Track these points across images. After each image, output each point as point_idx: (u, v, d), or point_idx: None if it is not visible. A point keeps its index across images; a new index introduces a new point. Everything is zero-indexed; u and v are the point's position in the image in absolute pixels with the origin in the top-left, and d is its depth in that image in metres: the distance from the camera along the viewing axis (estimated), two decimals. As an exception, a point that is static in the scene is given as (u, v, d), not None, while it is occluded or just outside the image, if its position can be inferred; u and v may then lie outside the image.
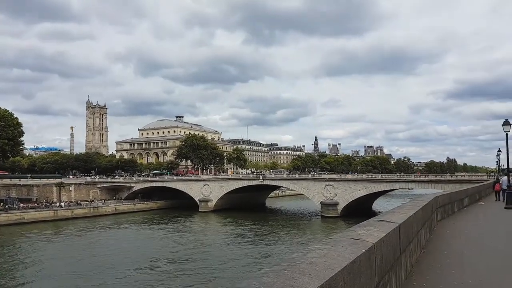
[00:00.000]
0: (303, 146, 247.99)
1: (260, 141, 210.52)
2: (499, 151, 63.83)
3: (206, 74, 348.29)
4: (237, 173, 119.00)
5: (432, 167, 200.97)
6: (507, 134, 16.50)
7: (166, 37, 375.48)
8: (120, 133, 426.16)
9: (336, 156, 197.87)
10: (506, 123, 16.59)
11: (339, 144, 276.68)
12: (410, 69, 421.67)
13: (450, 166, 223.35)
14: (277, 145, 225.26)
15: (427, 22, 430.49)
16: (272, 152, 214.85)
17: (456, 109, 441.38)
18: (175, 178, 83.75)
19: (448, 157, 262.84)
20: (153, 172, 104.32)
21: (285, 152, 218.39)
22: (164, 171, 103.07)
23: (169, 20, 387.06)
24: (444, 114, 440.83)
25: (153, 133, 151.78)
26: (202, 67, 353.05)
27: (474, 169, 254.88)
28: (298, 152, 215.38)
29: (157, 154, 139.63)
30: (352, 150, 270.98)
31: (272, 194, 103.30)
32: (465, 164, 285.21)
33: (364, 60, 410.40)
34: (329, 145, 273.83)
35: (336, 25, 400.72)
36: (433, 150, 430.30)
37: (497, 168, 79.59)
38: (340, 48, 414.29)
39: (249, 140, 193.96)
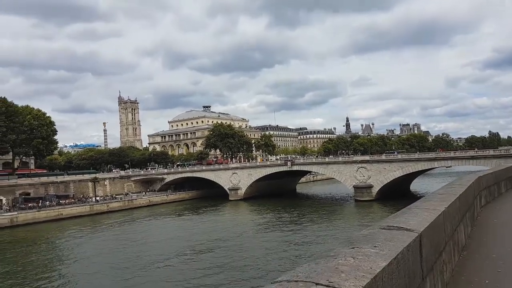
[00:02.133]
0: (334, 128, 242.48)
1: (288, 126, 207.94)
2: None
3: (231, 63, 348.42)
4: (266, 160, 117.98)
5: (473, 143, 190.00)
6: None
7: (190, 28, 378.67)
8: (153, 126, 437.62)
9: (370, 137, 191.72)
10: None
11: (373, 124, 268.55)
12: (443, 41, 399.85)
13: (493, 140, 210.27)
14: (306, 129, 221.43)
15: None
16: (302, 136, 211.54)
17: (495, 79, 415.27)
18: (204, 168, 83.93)
19: (490, 131, 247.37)
20: (177, 164, 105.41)
21: (315, 135, 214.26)
22: (185, 163, 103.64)
23: (192, 11, 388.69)
24: (483, 86, 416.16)
25: (182, 124, 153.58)
26: (227, 55, 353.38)
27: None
28: (328, 135, 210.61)
29: (187, 145, 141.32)
30: (386, 129, 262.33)
31: (303, 179, 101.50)
32: (509, 137, 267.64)
33: (393, 35, 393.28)
34: (362, 125, 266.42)
35: (361, 0, 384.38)
36: (473, 125, 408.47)
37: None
38: (367, 24, 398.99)
39: (277, 125, 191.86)
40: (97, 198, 72.27)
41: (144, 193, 79.75)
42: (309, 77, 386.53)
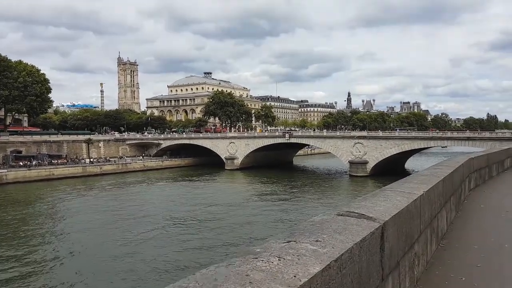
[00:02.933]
0: (335, 103, 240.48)
1: (290, 98, 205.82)
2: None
3: (237, 29, 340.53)
4: (266, 131, 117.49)
5: (471, 124, 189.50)
6: None
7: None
8: (154, 90, 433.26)
9: (370, 113, 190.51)
10: None
11: (374, 100, 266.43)
12: (451, 19, 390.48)
13: (490, 123, 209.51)
14: (308, 102, 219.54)
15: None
16: (302, 109, 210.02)
17: (500, 62, 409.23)
18: (201, 135, 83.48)
19: (488, 113, 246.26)
20: (173, 130, 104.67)
21: (315, 109, 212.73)
22: (183, 130, 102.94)
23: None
24: (487, 67, 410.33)
25: (181, 90, 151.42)
26: (233, 21, 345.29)
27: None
28: (329, 109, 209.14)
29: (186, 112, 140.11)
30: (387, 107, 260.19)
31: (301, 152, 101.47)
32: (506, 120, 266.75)
33: (403, 9, 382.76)
34: (363, 101, 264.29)
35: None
36: (472, 106, 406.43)
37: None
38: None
39: (278, 97, 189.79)
40: (91, 160, 72.17)
41: (141, 157, 79.68)
42: (314, 49, 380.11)
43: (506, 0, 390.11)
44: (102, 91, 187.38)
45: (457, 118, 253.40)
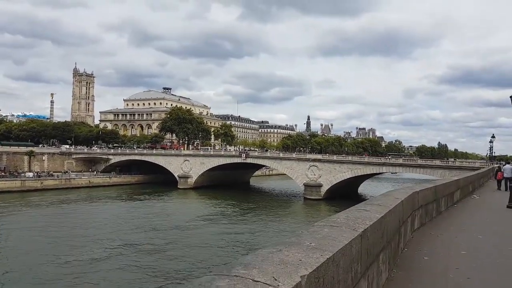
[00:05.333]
0: (295, 125, 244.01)
1: (251, 118, 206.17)
2: (493, 137, 60.94)
3: (200, 48, 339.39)
4: (224, 149, 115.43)
5: (423, 152, 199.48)
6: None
7: (160, 8, 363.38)
8: (112, 104, 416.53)
9: (327, 137, 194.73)
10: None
11: (331, 125, 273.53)
12: (405, 53, 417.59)
13: (441, 151, 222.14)
14: (268, 123, 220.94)
15: (423, 6, 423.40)
16: (263, 130, 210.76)
17: (449, 95, 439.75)
18: (154, 152, 79.84)
19: (439, 142, 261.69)
20: (127, 145, 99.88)
21: (276, 130, 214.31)
22: (136, 145, 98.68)
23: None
24: (437, 99, 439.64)
25: (138, 104, 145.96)
26: (196, 40, 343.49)
27: (464, 155, 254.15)
28: (289, 131, 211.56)
29: (141, 127, 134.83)
30: (344, 131, 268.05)
31: (259, 172, 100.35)
32: (456, 150, 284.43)
33: (360, 41, 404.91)
34: (321, 125, 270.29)
35: (332, 4, 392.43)
36: (424, 135, 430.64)
37: (488, 155, 77.06)
38: (336, 28, 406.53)
39: (239, 116, 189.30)
40: (30, 173, 66.25)
41: (84, 173, 74.39)
42: (276, 72, 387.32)
43: (455, 38, 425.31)
44: (52, 102, 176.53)
45: (410, 146, 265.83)
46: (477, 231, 8.25)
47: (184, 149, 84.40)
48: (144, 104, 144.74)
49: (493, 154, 75.28)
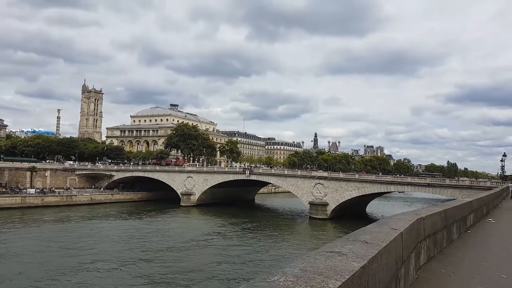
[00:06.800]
0: (302, 142, 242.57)
1: (257, 135, 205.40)
2: (505, 155, 58.80)
3: (209, 67, 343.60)
4: (230, 166, 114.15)
5: (432, 170, 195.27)
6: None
7: (171, 28, 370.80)
8: (121, 121, 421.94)
9: (335, 154, 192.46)
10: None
11: (339, 142, 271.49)
12: (411, 71, 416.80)
13: (451, 170, 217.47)
14: (275, 140, 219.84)
15: (430, 26, 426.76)
16: (269, 146, 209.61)
17: (456, 113, 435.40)
18: (157, 168, 78.87)
19: (448, 161, 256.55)
20: (132, 161, 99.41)
21: (282, 147, 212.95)
22: (141, 162, 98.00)
23: (175, 12, 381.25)
24: (444, 118, 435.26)
25: (145, 120, 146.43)
26: (206, 59, 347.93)
27: (474, 175, 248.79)
28: (296, 148, 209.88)
29: (147, 143, 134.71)
30: (352, 149, 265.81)
31: (264, 190, 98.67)
32: (466, 169, 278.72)
33: (366, 60, 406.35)
34: (329, 142, 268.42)
35: (339, 25, 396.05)
36: (433, 153, 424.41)
37: (500, 174, 74.55)
38: (343, 48, 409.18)
39: (246, 133, 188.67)
40: (32, 190, 65.63)
41: (86, 189, 73.60)
42: (284, 90, 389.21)
43: (462, 56, 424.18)
44: (58, 118, 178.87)
45: (418, 164, 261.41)
46: (498, 267, 6.80)
47: (186, 166, 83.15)
48: (150, 120, 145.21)
49: (505, 173, 72.80)
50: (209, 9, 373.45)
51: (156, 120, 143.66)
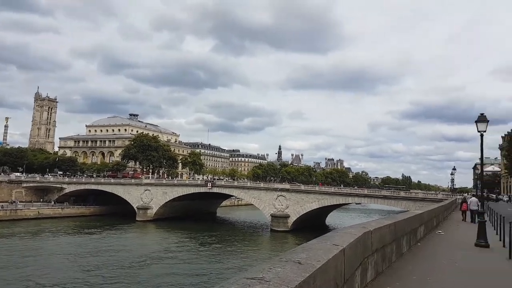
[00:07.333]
0: (267, 154, 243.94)
1: (221, 147, 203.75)
2: (454, 169, 62.09)
3: (173, 77, 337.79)
4: (192, 178, 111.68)
5: (388, 183, 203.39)
6: (482, 136, 11.64)
7: (134, 37, 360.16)
8: (77, 130, 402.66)
9: (297, 167, 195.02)
10: (481, 118, 11.59)
11: (302, 155, 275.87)
12: (370, 89, 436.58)
13: (405, 183, 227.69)
14: (239, 152, 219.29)
15: (388, 46, 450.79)
16: (233, 158, 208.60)
17: (411, 129, 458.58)
18: (112, 181, 75.26)
19: (403, 174, 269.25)
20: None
21: (247, 159, 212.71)
22: (96, 174, 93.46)
23: (139, 21, 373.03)
24: (400, 133, 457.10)
25: (101, 130, 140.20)
26: (170, 69, 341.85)
27: (427, 187, 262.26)
28: (260, 160, 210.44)
29: (103, 154, 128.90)
30: (314, 162, 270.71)
31: (228, 202, 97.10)
32: (419, 181, 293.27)
33: (329, 77, 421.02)
34: (292, 155, 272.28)
35: (303, 43, 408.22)
36: (388, 167, 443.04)
37: (450, 187, 78.64)
38: (307, 64, 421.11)
39: (209, 144, 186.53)
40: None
41: (34, 203, 68.51)
42: (250, 103, 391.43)
43: (417, 76, 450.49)
44: (6, 126, 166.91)
45: (375, 177, 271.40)
46: (444, 281, 6.56)
47: (143, 178, 80.00)
48: (107, 130, 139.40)
49: (454, 186, 76.80)
50: (175, 20, 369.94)
51: (113, 130, 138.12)
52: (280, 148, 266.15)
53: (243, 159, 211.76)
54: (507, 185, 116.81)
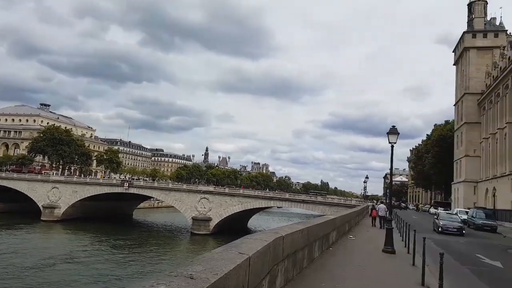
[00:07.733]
0: (193, 156, 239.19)
1: (143, 145, 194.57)
2: (367, 177, 67.18)
3: (93, 68, 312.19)
4: (108, 177, 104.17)
5: (308, 188, 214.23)
6: (392, 147, 12.33)
7: (52, 22, 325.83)
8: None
9: (224, 169, 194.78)
10: (392, 131, 12.30)
11: (229, 158, 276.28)
12: (296, 98, 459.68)
13: (324, 188, 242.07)
14: (163, 151, 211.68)
15: (313, 59, 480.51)
16: (156, 158, 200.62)
17: (330, 138, 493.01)
18: (15, 176, 66.78)
19: (322, 180, 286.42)
20: None
21: (171, 159, 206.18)
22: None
23: (58, 4, 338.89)
24: (321, 141, 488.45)
25: (6, 119, 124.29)
26: (90, 59, 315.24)
27: (343, 193, 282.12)
28: (186, 161, 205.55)
29: (7, 146, 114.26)
30: (240, 165, 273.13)
31: (146, 204, 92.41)
32: (336, 188, 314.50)
33: (257, 83, 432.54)
34: (219, 157, 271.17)
35: (233, 46, 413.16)
36: (310, 173, 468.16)
37: (363, 194, 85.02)
38: (236, 68, 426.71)
39: (130, 142, 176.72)
40: None
41: None
42: (177, 101, 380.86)
43: (337, 89, 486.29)
44: None
45: (297, 182, 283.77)
46: (348, 281, 6.53)
47: (51, 174, 72.42)
48: (13, 120, 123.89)
49: (367, 193, 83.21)
50: (99, 8, 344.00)
51: (20, 120, 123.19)
52: (207, 150, 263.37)
53: (166, 159, 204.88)
54: (413, 195, 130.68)
